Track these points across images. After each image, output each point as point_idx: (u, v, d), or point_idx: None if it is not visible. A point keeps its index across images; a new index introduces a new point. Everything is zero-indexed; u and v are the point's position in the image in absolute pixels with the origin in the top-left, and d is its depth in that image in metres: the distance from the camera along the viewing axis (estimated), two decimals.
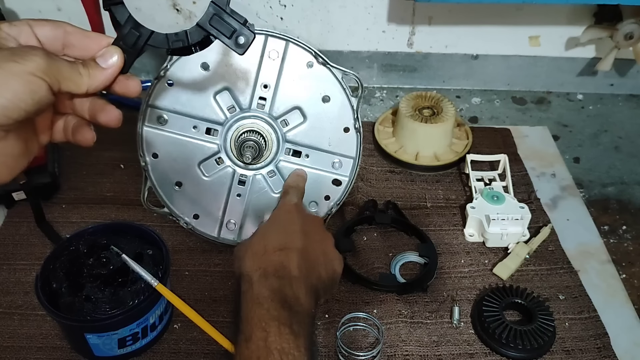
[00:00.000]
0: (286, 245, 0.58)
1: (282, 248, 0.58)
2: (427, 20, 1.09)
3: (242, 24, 0.48)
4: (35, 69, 0.40)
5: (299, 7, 1.07)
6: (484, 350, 0.70)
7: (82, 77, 0.43)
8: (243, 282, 0.56)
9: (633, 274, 0.81)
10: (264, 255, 0.57)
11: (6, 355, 0.68)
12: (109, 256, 0.67)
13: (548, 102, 1.14)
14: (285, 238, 0.60)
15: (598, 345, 0.70)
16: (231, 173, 0.76)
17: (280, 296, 0.53)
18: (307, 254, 0.59)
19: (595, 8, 1.06)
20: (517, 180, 0.91)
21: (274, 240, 0.59)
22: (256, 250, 0.59)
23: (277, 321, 0.50)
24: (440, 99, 0.98)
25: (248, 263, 0.57)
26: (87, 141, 0.49)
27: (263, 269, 0.55)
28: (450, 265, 0.80)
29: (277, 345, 0.48)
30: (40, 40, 0.45)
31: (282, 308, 0.52)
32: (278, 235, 0.61)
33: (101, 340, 0.64)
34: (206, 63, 0.71)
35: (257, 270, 0.55)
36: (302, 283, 0.55)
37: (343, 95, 0.73)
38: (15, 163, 0.45)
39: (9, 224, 0.84)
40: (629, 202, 0.93)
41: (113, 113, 0.48)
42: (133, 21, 0.46)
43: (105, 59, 0.45)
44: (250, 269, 0.56)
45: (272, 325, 0.50)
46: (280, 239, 0.60)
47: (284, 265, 0.56)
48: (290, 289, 0.54)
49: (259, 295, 0.53)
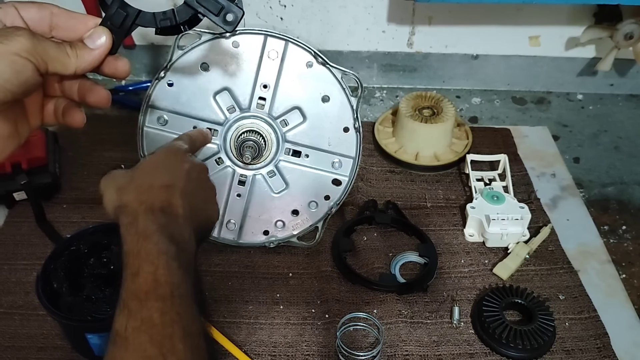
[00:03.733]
0: (173, 183, 0.55)
1: (169, 185, 0.55)
2: (427, 20, 1.09)
3: (230, 0, 0.47)
4: (20, 49, 0.40)
5: (299, 7, 1.07)
6: (484, 350, 0.70)
7: (69, 57, 0.43)
8: (125, 214, 0.52)
9: (633, 274, 0.81)
10: (150, 190, 0.54)
11: (7, 355, 0.68)
12: (109, 256, 0.67)
13: (548, 102, 1.15)
14: (172, 177, 0.56)
15: (598, 345, 0.70)
16: (231, 173, 0.76)
17: (168, 231, 0.51)
18: (191, 197, 0.56)
19: (595, 8, 1.06)
20: (517, 180, 0.92)
21: (160, 177, 0.56)
22: (140, 183, 0.55)
23: (165, 255, 0.48)
24: (440, 99, 0.98)
25: (131, 195, 0.53)
26: (77, 122, 0.50)
27: (149, 203, 0.53)
28: (450, 265, 0.80)
29: (167, 278, 0.47)
30: (27, 23, 0.45)
31: (171, 243, 0.50)
32: (164, 174, 0.57)
33: (102, 340, 0.64)
34: (206, 63, 0.71)
35: (142, 204, 0.52)
36: (186, 222, 0.54)
37: (343, 95, 0.73)
38: (4, 145, 0.45)
39: (10, 224, 0.84)
40: (628, 202, 0.93)
41: (101, 93, 0.48)
42: (120, 1, 0.46)
43: (93, 40, 0.45)
44: (135, 201, 0.53)
45: (161, 258, 0.48)
46: (166, 176, 0.56)
47: (171, 202, 0.54)
48: (177, 226, 0.52)
49: (146, 228, 0.50)
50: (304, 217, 0.78)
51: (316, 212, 0.79)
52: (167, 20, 0.47)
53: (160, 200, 0.53)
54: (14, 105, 0.44)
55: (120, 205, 0.53)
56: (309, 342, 0.70)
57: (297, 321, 0.72)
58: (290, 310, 0.73)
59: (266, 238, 0.79)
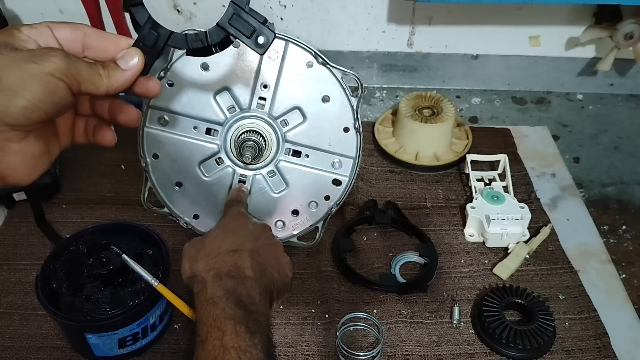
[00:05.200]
0: (239, 247, 0.58)
1: (236, 249, 0.58)
2: (427, 20, 1.09)
3: (262, 23, 0.47)
4: (54, 69, 0.40)
5: (299, 7, 1.07)
6: (484, 350, 0.70)
7: (101, 78, 0.43)
8: (195, 283, 0.55)
9: (633, 274, 0.81)
10: (217, 256, 0.57)
11: (6, 355, 0.68)
12: (109, 256, 0.67)
13: (548, 102, 1.15)
14: (238, 241, 0.60)
15: (598, 345, 0.70)
16: (231, 173, 0.76)
17: (235, 295, 0.52)
18: (259, 257, 0.59)
19: (595, 8, 1.06)
20: (517, 180, 0.91)
21: (227, 243, 0.59)
22: (209, 251, 0.58)
23: (232, 320, 0.50)
24: (440, 99, 0.98)
25: (201, 264, 0.57)
26: (107, 142, 0.50)
27: (216, 270, 0.55)
28: (450, 265, 0.80)
29: (234, 343, 0.48)
30: (60, 43, 0.45)
31: (237, 307, 0.51)
32: (230, 238, 0.60)
33: (101, 340, 0.64)
34: (206, 63, 0.71)
35: (210, 271, 0.55)
36: (256, 283, 0.55)
37: (343, 95, 0.73)
38: (36, 164, 0.45)
39: (10, 224, 0.84)
40: (628, 202, 0.93)
41: (132, 112, 0.49)
42: (152, 22, 0.46)
43: (126, 61, 0.45)
44: (203, 270, 0.56)
45: (227, 324, 0.49)
46: (232, 241, 0.59)
47: (238, 265, 0.56)
48: (244, 289, 0.54)
49: (213, 295, 0.52)
50: (304, 217, 0.78)
51: (316, 212, 0.79)
52: (199, 41, 0.48)
53: (227, 265, 0.55)
54: (46, 125, 0.44)
55: (191, 276, 0.56)
56: (309, 342, 0.70)
57: (297, 321, 0.72)
58: (290, 310, 0.73)
59: None
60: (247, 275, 0.55)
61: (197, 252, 0.59)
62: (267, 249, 0.62)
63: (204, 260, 0.57)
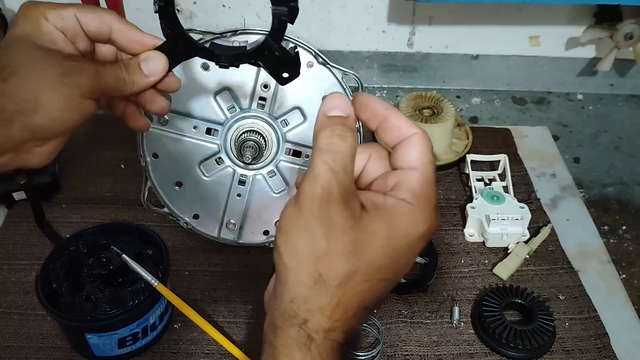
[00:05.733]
0: (392, 277, 0.39)
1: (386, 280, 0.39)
2: (427, 20, 1.09)
3: (291, 60, 0.48)
4: (86, 91, 0.42)
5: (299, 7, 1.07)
6: (484, 350, 0.70)
7: (125, 84, 0.45)
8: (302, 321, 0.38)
9: (633, 274, 0.81)
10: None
11: (6, 355, 0.68)
12: (109, 256, 0.67)
13: (548, 102, 1.15)
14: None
15: (598, 345, 0.70)
16: (231, 173, 0.76)
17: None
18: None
19: (595, 8, 1.06)
20: (517, 180, 0.91)
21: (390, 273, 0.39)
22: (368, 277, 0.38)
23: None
24: (440, 99, 0.98)
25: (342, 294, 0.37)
26: (142, 127, 0.52)
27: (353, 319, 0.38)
28: (450, 265, 0.80)
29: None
30: (87, 33, 0.46)
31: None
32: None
33: (101, 340, 0.64)
34: (206, 63, 0.71)
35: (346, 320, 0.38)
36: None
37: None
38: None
39: (9, 224, 0.84)
40: (628, 202, 0.93)
41: (161, 103, 0.50)
42: (182, 33, 0.47)
43: (149, 66, 0.46)
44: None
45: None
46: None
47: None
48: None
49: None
50: None
51: None
52: (226, 63, 0.49)
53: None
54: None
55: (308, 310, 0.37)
56: None
57: None
58: None
59: (266, 238, 0.79)
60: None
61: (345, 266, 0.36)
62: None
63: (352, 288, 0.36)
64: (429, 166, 0.37)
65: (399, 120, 0.38)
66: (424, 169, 0.37)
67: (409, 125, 0.38)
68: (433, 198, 0.38)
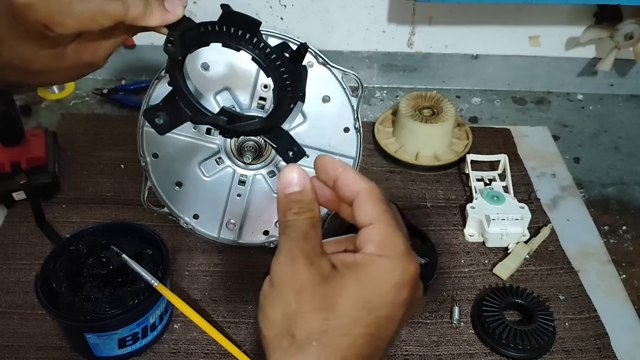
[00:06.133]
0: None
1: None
2: (427, 20, 1.09)
3: (293, 152, 0.47)
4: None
5: (299, 7, 1.07)
6: (484, 350, 0.70)
7: (145, 18, 0.44)
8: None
9: (633, 274, 0.81)
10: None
11: (6, 355, 0.68)
12: (109, 256, 0.67)
13: (548, 102, 1.14)
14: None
15: (598, 345, 0.70)
16: (231, 173, 0.76)
17: None
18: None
19: (595, 8, 1.06)
20: (517, 180, 0.91)
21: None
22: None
23: None
24: (440, 99, 0.98)
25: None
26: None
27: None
28: (450, 265, 0.80)
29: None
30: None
31: None
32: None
33: (101, 340, 0.64)
34: (206, 63, 0.71)
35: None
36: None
37: (343, 95, 0.73)
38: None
39: (9, 224, 0.84)
40: (629, 202, 0.93)
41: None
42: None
43: (172, 6, 0.45)
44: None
45: None
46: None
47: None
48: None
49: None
50: None
51: None
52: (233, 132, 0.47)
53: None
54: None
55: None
56: None
57: None
58: None
59: (266, 238, 0.79)
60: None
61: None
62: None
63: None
64: (384, 215, 0.38)
65: (347, 178, 0.39)
66: (381, 220, 0.38)
67: (356, 181, 0.39)
68: (400, 244, 0.38)
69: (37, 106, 1.08)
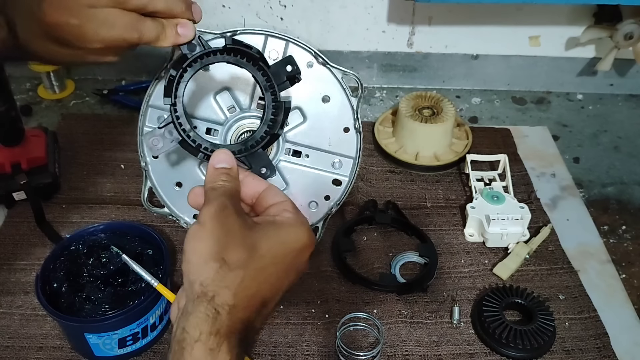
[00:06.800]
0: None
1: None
2: (427, 20, 1.09)
3: (268, 169, 0.55)
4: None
5: (299, 7, 1.07)
6: (484, 350, 0.70)
7: (159, 41, 0.50)
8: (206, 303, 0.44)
9: (633, 274, 0.81)
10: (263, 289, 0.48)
11: (6, 355, 0.68)
12: (109, 256, 0.67)
13: (548, 102, 1.15)
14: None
15: (598, 345, 0.70)
16: None
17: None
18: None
19: (595, 8, 1.06)
20: (517, 180, 0.92)
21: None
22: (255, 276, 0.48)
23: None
24: (440, 99, 0.98)
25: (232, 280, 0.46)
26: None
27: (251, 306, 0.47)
28: (450, 265, 0.80)
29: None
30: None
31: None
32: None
33: (101, 340, 0.64)
34: None
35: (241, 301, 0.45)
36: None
37: (343, 95, 0.73)
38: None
39: (9, 224, 0.84)
40: (628, 202, 0.93)
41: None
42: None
43: (185, 30, 0.51)
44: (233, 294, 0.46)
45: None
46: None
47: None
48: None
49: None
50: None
51: (316, 212, 0.79)
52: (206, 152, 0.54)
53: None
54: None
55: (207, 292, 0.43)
56: (309, 342, 0.70)
57: (297, 321, 0.72)
58: (290, 310, 0.73)
59: None
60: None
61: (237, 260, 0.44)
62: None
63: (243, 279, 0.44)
64: (290, 199, 0.51)
65: (252, 180, 0.53)
66: (289, 200, 0.51)
67: (259, 181, 0.53)
68: (306, 220, 0.50)
69: (37, 106, 1.08)
